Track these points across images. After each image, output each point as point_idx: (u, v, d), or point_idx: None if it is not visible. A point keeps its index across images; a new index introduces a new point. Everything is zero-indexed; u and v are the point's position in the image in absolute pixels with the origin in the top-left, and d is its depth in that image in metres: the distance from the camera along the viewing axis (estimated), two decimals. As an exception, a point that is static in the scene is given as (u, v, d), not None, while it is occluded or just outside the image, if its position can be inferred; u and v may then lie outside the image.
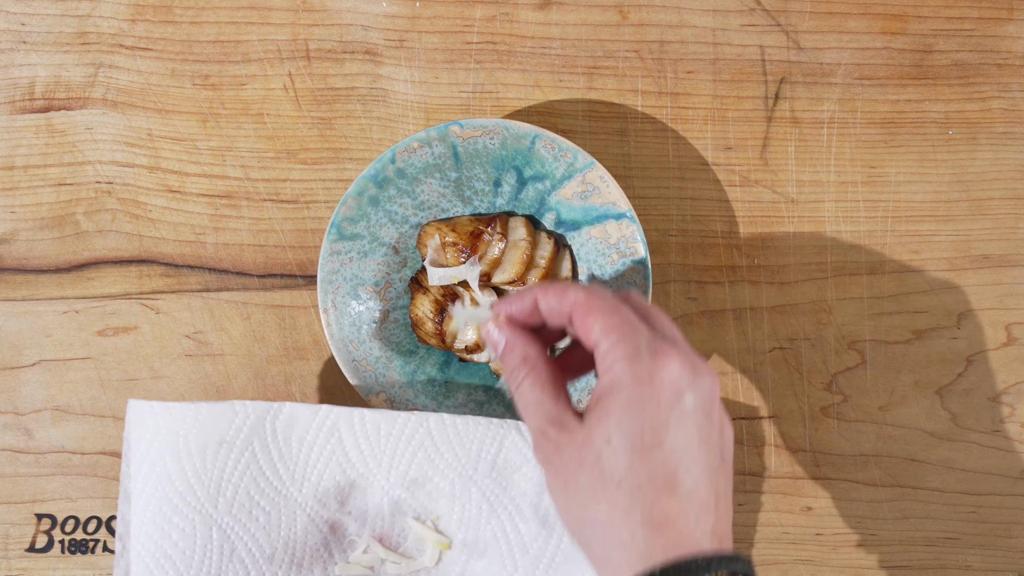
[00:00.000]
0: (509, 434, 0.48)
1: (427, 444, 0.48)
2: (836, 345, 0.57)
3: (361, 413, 0.48)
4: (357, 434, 0.48)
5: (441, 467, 0.48)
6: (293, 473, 0.47)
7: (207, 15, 0.56)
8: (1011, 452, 0.58)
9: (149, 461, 0.46)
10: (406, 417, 0.48)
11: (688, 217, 0.57)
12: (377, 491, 0.48)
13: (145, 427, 0.46)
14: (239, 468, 0.47)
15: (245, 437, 0.47)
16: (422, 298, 0.54)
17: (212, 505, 0.46)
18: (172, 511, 0.46)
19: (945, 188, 0.57)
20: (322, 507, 0.47)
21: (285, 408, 0.47)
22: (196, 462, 0.46)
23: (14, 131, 0.56)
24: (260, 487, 0.47)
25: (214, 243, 0.56)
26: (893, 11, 0.57)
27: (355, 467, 0.48)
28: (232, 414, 0.47)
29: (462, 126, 0.51)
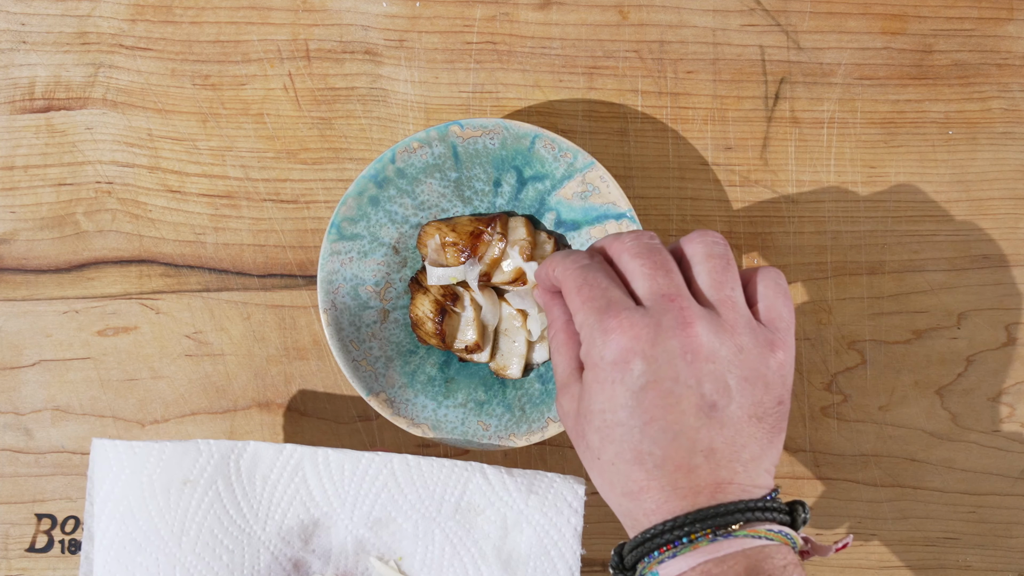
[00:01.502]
0: (473, 477, 0.48)
1: (391, 484, 0.48)
2: (836, 345, 0.57)
3: (325, 452, 0.48)
4: (321, 473, 0.48)
5: (404, 508, 0.48)
6: (257, 511, 0.48)
7: (207, 15, 0.56)
8: (1011, 452, 0.58)
9: (113, 500, 0.46)
10: (370, 457, 0.48)
11: (688, 217, 0.57)
12: (341, 530, 0.48)
13: (109, 466, 0.47)
14: (203, 507, 0.47)
15: (209, 476, 0.47)
16: (422, 298, 0.54)
17: (176, 544, 0.46)
18: (136, 550, 0.46)
19: (945, 188, 0.57)
20: (286, 545, 0.48)
21: (249, 447, 0.48)
22: (160, 501, 0.46)
23: (14, 131, 0.56)
24: (224, 526, 0.47)
25: (214, 243, 0.56)
26: (893, 11, 0.57)
27: (319, 506, 0.48)
28: (196, 453, 0.47)
29: (462, 126, 0.51)
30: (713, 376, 0.39)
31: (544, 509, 0.48)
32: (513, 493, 0.48)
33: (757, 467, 0.40)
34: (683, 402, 0.39)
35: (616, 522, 0.57)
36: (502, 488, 0.48)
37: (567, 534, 0.48)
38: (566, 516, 0.48)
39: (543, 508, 0.48)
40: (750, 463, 0.39)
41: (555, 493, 0.48)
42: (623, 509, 0.41)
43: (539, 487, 0.48)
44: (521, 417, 0.53)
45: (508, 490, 0.48)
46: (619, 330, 0.39)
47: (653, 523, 0.39)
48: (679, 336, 0.39)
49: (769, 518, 0.38)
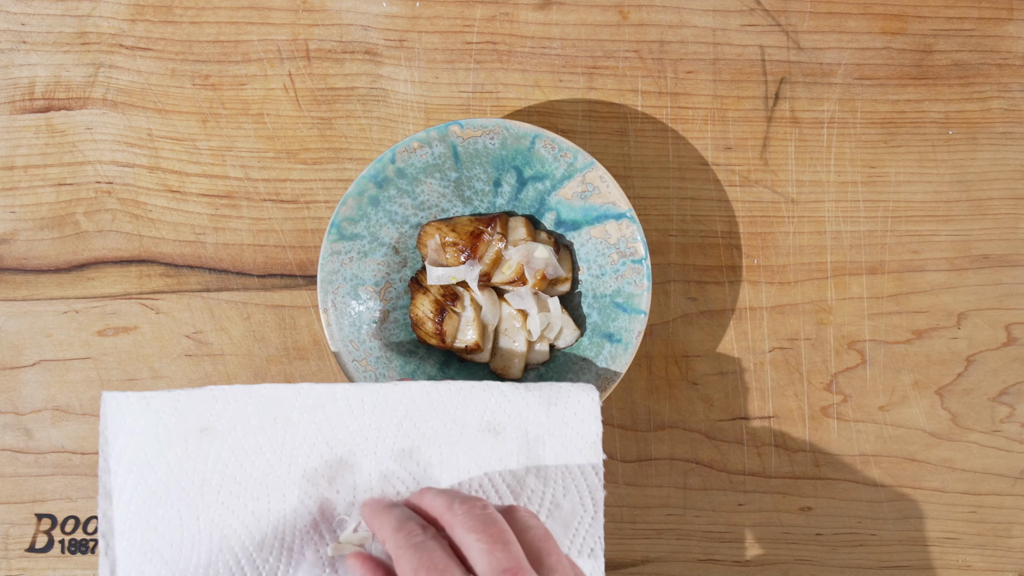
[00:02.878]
0: (492, 396, 0.47)
1: (412, 413, 0.47)
2: (836, 345, 0.57)
3: (343, 388, 0.47)
4: (341, 410, 0.47)
5: (428, 435, 0.47)
6: (280, 454, 0.46)
7: (207, 15, 0.56)
8: (1011, 452, 0.58)
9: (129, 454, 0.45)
10: (388, 388, 0.47)
11: (688, 217, 0.57)
12: (366, 465, 0.47)
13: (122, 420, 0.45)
14: (223, 454, 0.45)
15: (227, 422, 0.46)
16: (422, 298, 0.54)
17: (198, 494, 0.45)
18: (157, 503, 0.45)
19: (945, 188, 0.57)
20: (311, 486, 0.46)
21: (265, 390, 0.46)
22: (178, 451, 0.45)
23: (14, 131, 0.56)
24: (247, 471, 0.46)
25: (214, 243, 0.56)
26: (893, 11, 0.57)
27: (342, 443, 0.47)
28: (212, 400, 0.45)
29: (462, 126, 0.51)
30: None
31: (564, 418, 0.48)
32: (534, 407, 0.48)
33: None
34: None
35: (616, 521, 0.57)
36: (522, 404, 0.48)
37: (589, 439, 0.48)
38: (587, 423, 0.48)
39: (564, 418, 0.48)
40: None
41: (573, 401, 0.48)
42: None
43: (556, 398, 0.48)
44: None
45: (528, 404, 0.48)
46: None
47: None
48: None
49: None
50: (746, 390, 0.57)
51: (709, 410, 0.57)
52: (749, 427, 0.57)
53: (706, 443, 0.57)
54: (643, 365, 0.57)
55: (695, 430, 0.57)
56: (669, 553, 0.57)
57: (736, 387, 0.57)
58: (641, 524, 0.57)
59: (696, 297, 0.57)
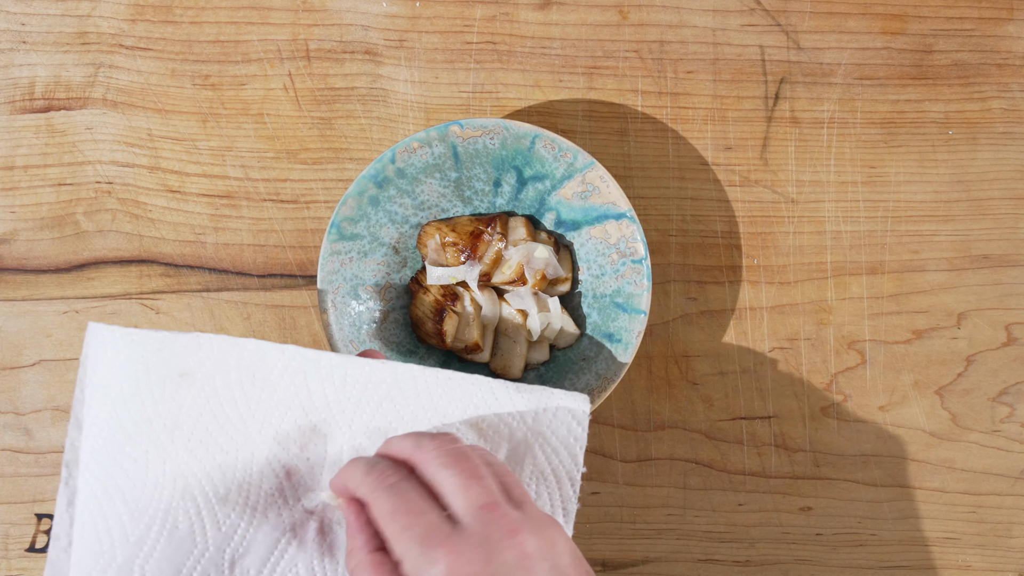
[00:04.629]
0: (479, 391, 0.46)
1: (394, 394, 0.46)
2: (836, 345, 0.57)
3: (329, 357, 0.46)
4: (323, 378, 0.46)
5: (407, 418, 0.46)
6: (255, 412, 0.45)
7: (207, 15, 0.56)
8: (1011, 452, 0.58)
9: (105, 387, 0.44)
10: (375, 365, 0.46)
11: (688, 217, 0.57)
12: (339, 437, 0.46)
13: (104, 352, 0.44)
14: (199, 402, 0.45)
15: (208, 371, 0.45)
16: (422, 298, 0.54)
17: (168, 438, 0.44)
18: (125, 440, 0.44)
19: (945, 188, 0.57)
20: (281, 450, 0.45)
21: (250, 345, 0.45)
22: (155, 392, 0.44)
23: (14, 131, 0.56)
24: (219, 423, 0.45)
25: (214, 243, 0.56)
26: (893, 11, 0.57)
27: (318, 411, 0.46)
28: (196, 346, 0.44)
29: (462, 126, 0.51)
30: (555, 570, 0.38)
31: (552, 426, 0.47)
32: (520, 408, 0.47)
33: None
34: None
35: (616, 521, 0.57)
36: (509, 404, 0.47)
37: (571, 450, 0.47)
38: (572, 434, 0.47)
39: (551, 425, 0.47)
40: None
41: (561, 408, 0.47)
42: None
43: (545, 403, 0.47)
44: (521, 417, 0.53)
45: (516, 406, 0.47)
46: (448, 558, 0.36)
47: None
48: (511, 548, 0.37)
49: None
50: (746, 390, 0.57)
51: (709, 410, 0.57)
52: (749, 427, 0.57)
53: (706, 443, 0.57)
54: (643, 365, 0.57)
55: (695, 430, 0.57)
56: (669, 553, 0.57)
57: (736, 387, 0.57)
58: (641, 524, 0.57)
59: (696, 297, 0.57)
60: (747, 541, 0.58)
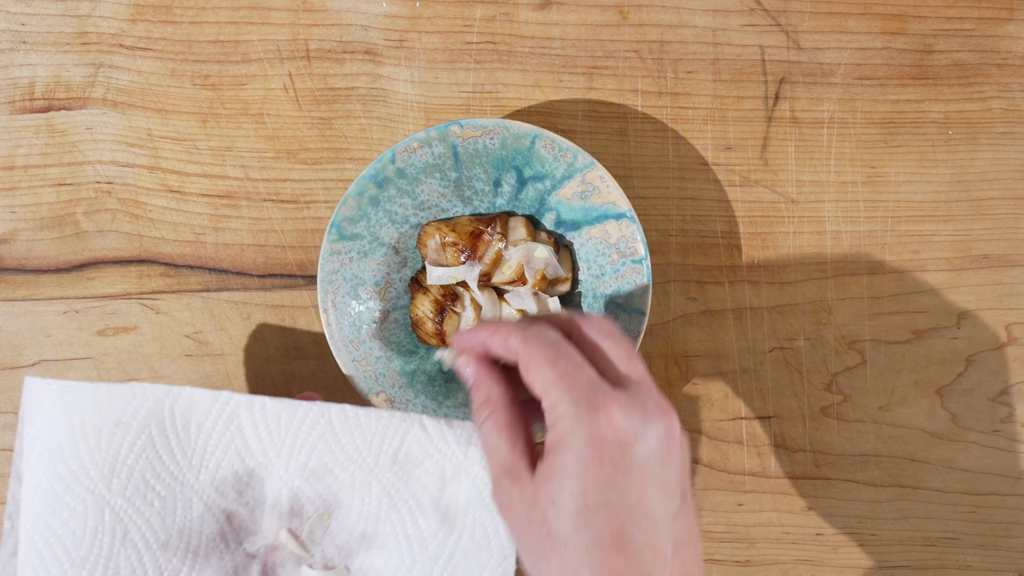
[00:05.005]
0: (412, 428, 0.47)
1: (327, 435, 0.47)
2: (836, 345, 0.57)
3: (262, 401, 0.47)
4: (257, 422, 0.47)
5: (341, 459, 0.47)
6: (191, 459, 0.46)
7: (207, 15, 0.56)
8: (1011, 452, 0.58)
9: (43, 439, 0.45)
10: (307, 407, 0.47)
11: (688, 217, 0.57)
12: (276, 481, 0.47)
13: (41, 405, 0.45)
14: (135, 450, 0.45)
15: (143, 419, 0.46)
16: (422, 298, 0.54)
17: (106, 486, 0.45)
18: (64, 490, 0.45)
19: (945, 188, 0.57)
20: (219, 495, 0.46)
21: (185, 392, 0.46)
22: (91, 442, 0.45)
23: (14, 131, 0.56)
24: (156, 471, 0.46)
25: (214, 243, 0.56)
26: (893, 11, 0.57)
27: (254, 456, 0.47)
28: (131, 396, 0.46)
29: (462, 126, 0.51)
30: (683, 465, 0.39)
31: (483, 461, 0.47)
32: (452, 444, 0.47)
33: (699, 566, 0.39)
34: (667, 487, 0.38)
35: (616, 522, 0.57)
36: (440, 440, 0.47)
37: None
38: None
39: (482, 460, 0.47)
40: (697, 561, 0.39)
41: None
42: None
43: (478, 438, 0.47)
44: (521, 417, 0.53)
45: (447, 441, 0.47)
46: (609, 409, 0.38)
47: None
48: (664, 420, 0.38)
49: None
50: (746, 390, 0.57)
51: (709, 410, 0.57)
52: (749, 427, 0.57)
53: (706, 443, 0.57)
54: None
55: (695, 430, 0.57)
56: (669, 553, 0.57)
57: (736, 387, 0.57)
58: (641, 524, 0.57)
59: (696, 297, 0.57)
60: (747, 541, 0.58)
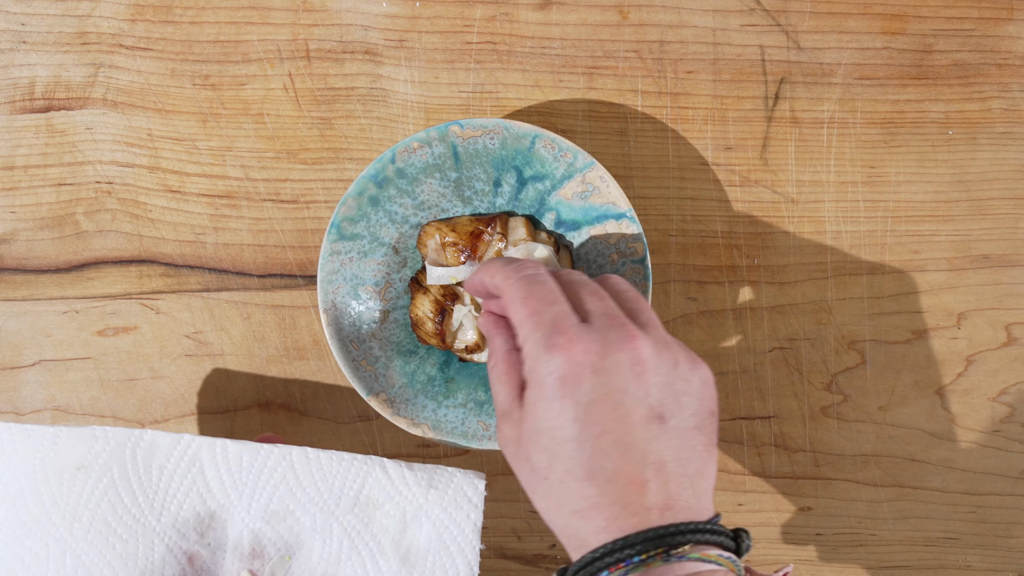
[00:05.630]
0: (373, 470, 0.48)
1: (289, 477, 0.48)
2: (836, 345, 0.57)
3: (224, 444, 0.48)
4: (219, 464, 0.48)
5: (303, 501, 0.48)
6: (152, 501, 0.47)
7: (207, 15, 0.56)
8: (1011, 452, 0.58)
9: (4, 483, 0.46)
10: (268, 449, 0.48)
11: (688, 217, 0.57)
12: (237, 523, 0.47)
13: (2, 449, 0.46)
14: (96, 494, 0.46)
15: (104, 463, 0.46)
16: (422, 298, 0.54)
17: (68, 530, 0.46)
18: (25, 535, 0.45)
19: (945, 188, 0.57)
20: (181, 537, 0.47)
21: (146, 436, 0.47)
22: (52, 486, 0.46)
23: (14, 131, 0.56)
24: (118, 514, 0.46)
25: (214, 243, 0.56)
26: (893, 11, 0.57)
27: (215, 498, 0.48)
28: (92, 439, 0.46)
29: (462, 126, 0.51)
30: (659, 388, 0.40)
31: (444, 504, 0.48)
32: (412, 487, 0.48)
33: (701, 484, 0.40)
34: (634, 414, 0.39)
35: (616, 522, 0.57)
36: (401, 482, 0.48)
37: (467, 529, 0.48)
38: (466, 511, 0.48)
39: (443, 503, 0.48)
40: (696, 478, 0.40)
41: (455, 488, 0.48)
42: (570, 530, 0.40)
43: (439, 482, 0.48)
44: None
45: (408, 484, 0.48)
46: (567, 345, 0.39)
47: (603, 542, 0.38)
48: (626, 349, 0.39)
49: (716, 542, 0.39)
50: (746, 390, 0.57)
51: (709, 410, 0.57)
52: (749, 427, 0.57)
53: (706, 443, 0.57)
54: (643, 365, 0.57)
55: (695, 430, 0.57)
56: (669, 553, 0.57)
57: (736, 387, 0.57)
58: (641, 524, 0.57)
59: (696, 297, 0.57)
60: (747, 541, 0.58)
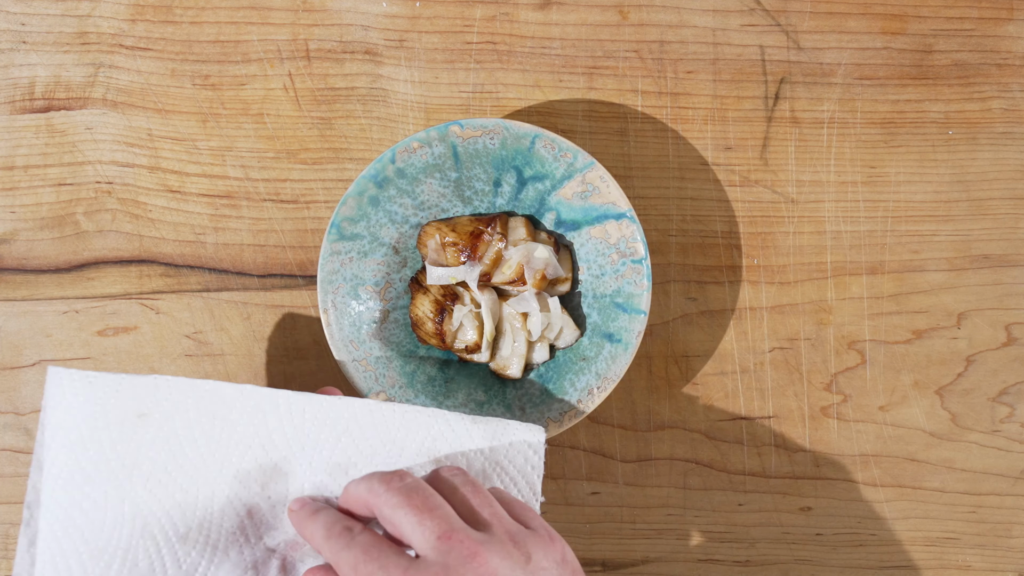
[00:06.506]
0: (436, 423, 0.47)
1: (352, 429, 0.47)
2: (836, 345, 0.57)
3: (287, 395, 0.47)
4: (282, 416, 0.47)
5: (366, 453, 0.47)
6: (214, 452, 0.46)
7: (207, 15, 0.56)
8: (1011, 452, 0.58)
9: (65, 429, 0.45)
10: (331, 401, 0.47)
11: (688, 217, 0.57)
12: (299, 475, 0.47)
13: (63, 395, 0.45)
14: (157, 442, 0.45)
15: (165, 411, 0.45)
16: (422, 298, 0.54)
17: (127, 478, 0.45)
18: (85, 481, 0.44)
19: (945, 188, 0.57)
20: (243, 488, 0.46)
21: (208, 385, 0.46)
22: (113, 433, 0.45)
23: (14, 131, 0.56)
24: (179, 463, 0.45)
25: (214, 243, 0.56)
26: (893, 11, 0.57)
27: (278, 449, 0.47)
28: (154, 387, 0.45)
29: (462, 126, 0.51)
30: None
31: (509, 456, 0.48)
32: (477, 440, 0.47)
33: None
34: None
35: (616, 521, 0.57)
36: (465, 435, 0.47)
37: (529, 480, 0.48)
38: (529, 462, 0.48)
39: (507, 455, 0.48)
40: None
41: (518, 440, 0.48)
42: None
43: (501, 434, 0.48)
44: (521, 417, 0.53)
45: (472, 437, 0.47)
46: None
47: None
48: (471, 570, 0.38)
49: None
50: (746, 390, 0.57)
51: (709, 410, 0.57)
52: (749, 427, 0.57)
53: (706, 443, 0.57)
54: (643, 365, 0.57)
55: (695, 430, 0.57)
56: (669, 553, 0.57)
57: (736, 387, 0.57)
58: (641, 524, 0.57)
59: (696, 297, 0.57)
60: (747, 541, 0.58)
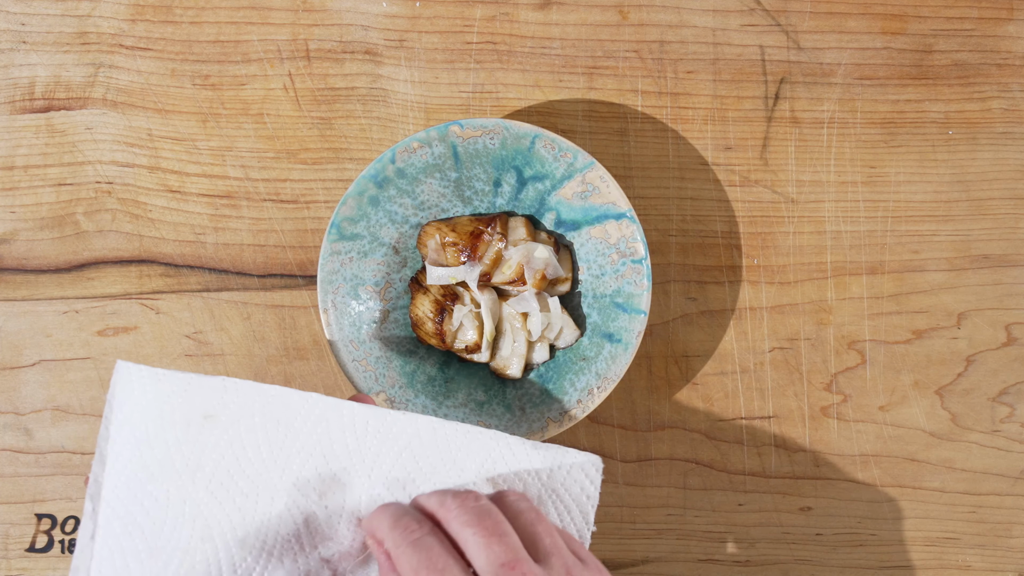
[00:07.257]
0: (496, 446, 0.48)
1: (413, 445, 0.47)
2: (836, 345, 0.57)
3: (351, 406, 0.47)
4: (345, 427, 0.47)
5: (425, 470, 0.47)
6: (276, 458, 0.46)
7: (207, 15, 0.56)
8: (1011, 452, 0.58)
9: (130, 425, 0.45)
10: (395, 416, 0.47)
11: (688, 217, 0.57)
12: (357, 487, 0.47)
13: (131, 391, 0.45)
14: (221, 445, 0.46)
15: (232, 414, 0.46)
16: (422, 298, 0.54)
17: (190, 478, 0.45)
18: (148, 478, 0.45)
19: (945, 188, 0.57)
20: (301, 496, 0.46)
21: (274, 391, 0.46)
22: (179, 433, 0.45)
23: (14, 131, 0.56)
24: (241, 467, 0.46)
25: (214, 243, 0.56)
26: (893, 11, 0.57)
27: (339, 459, 0.47)
28: (222, 390, 0.46)
29: (462, 126, 0.51)
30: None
31: (566, 485, 0.48)
32: (536, 465, 0.48)
33: None
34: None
35: (616, 521, 0.57)
36: (525, 459, 0.48)
37: (583, 509, 0.48)
38: (585, 492, 0.48)
39: (565, 484, 0.48)
40: None
41: (576, 470, 0.48)
42: None
43: (559, 461, 0.48)
44: (521, 417, 0.53)
45: (531, 462, 0.48)
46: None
47: None
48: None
49: None
50: (746, 390, 0.57)
51: (709, 410, 0.57)
52: (749, 427, 0.57)
53: (706, 443, 0.57)
54: (643, 365, 0.57)
55: (695, 430, 0.57)
56: (669, 553, 0.57)
57: (736, 387, 0.57)
58: (641, 524, 0.57)
59: (696, 297, 0.57)
60: (747, 541, 0.58)
